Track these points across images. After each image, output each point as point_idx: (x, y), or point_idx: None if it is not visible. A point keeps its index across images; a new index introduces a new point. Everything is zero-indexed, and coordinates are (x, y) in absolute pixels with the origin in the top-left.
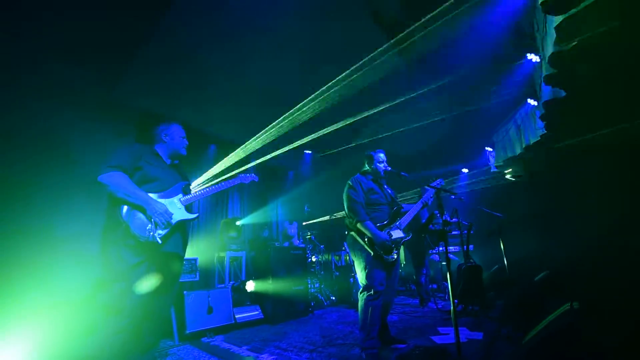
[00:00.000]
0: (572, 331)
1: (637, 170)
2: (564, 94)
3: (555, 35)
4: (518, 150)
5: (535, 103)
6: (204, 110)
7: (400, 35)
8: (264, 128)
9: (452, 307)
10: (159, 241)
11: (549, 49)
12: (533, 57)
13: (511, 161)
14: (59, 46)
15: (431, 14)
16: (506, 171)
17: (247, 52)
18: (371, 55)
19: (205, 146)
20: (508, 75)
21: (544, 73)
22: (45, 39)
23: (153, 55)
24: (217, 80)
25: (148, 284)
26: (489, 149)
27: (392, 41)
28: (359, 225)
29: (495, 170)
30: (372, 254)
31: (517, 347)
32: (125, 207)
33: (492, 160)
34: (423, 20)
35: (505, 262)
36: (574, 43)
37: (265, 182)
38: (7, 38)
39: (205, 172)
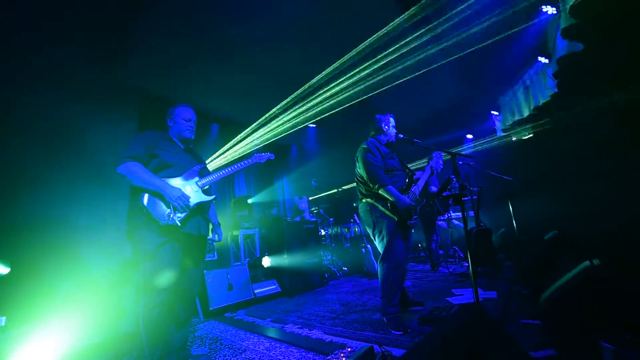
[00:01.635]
0: (597, 285)
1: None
2: (581, 47)
3: None
4: (526, 113)
5: (547, 61)
6: (206, 88)
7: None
8: (269, 106)
9: (470, 268)
10: (178, 224)
11: None
12: (549, 9)
13: (518, 124)
14: (60, 31)
15: None
16: (514, 135)
17: (255, 29)
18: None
19: (207, 126)
20: (519, 30)
21: (562, 25)
22: (45, 24)
23: (155, 32)
24: (223, 57)
25: (175, 261)
26: (495, 112)
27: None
28: (381, 190)
29: (502, 134)
30: (397, 219)
31: (534, 301)
32: (146, 195)
33: (498, 124)
34: None
35: (515, 224)
36: None
37: (271, 160)
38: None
39: (209, 152)
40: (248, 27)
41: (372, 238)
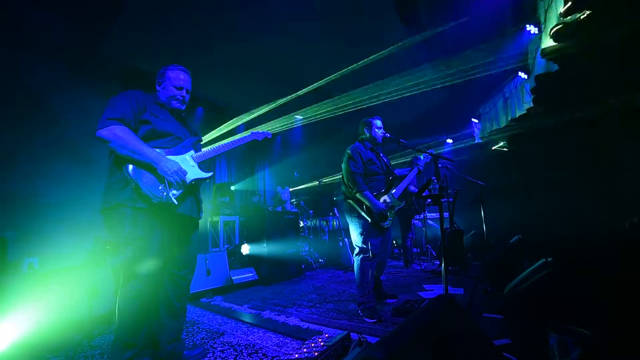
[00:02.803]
0: (550, 280)
1: (596, 153)
2: (556, 68)
3: (562, 5)
4: (503, 123)
5: (526, 76)
6: (196, 69)
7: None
8: (258, 95)
9: (442, 266)
10: (175, 202)
11: (552, 20)
12: (532, 29)
13: (495, 133)
14: None
15: None
16: (491, 143)
17: (253, 16)
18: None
19: (192, 108)
20: (504, 45)
21: (542, 46)
22: None
23: (144, 6)
24: (214, 41)
25: (164, 246)
26: (475, 120)
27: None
28: (358, 195)
29: (480, 141)
30: (370, 221)
31: (499, 297)
32: (130, 166)
33: (477, 131)
34: None
35: (484, 227)
36: (579, 16)
37: (253, 147)
38: None
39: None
40: (246, 13)
41: (351, 233)
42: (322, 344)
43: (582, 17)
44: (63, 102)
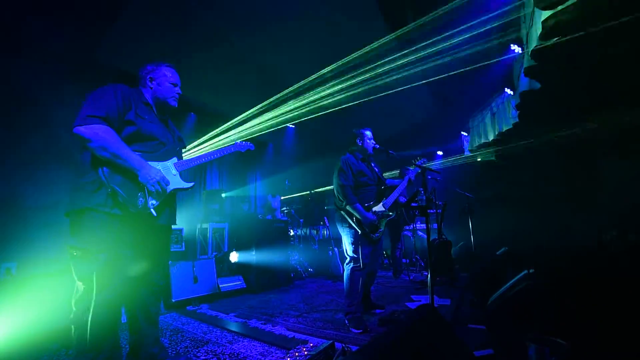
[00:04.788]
0: (529, 291)
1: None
2: (539, 86)
3: (540, 29)
4: (491, 137)
5: (512, 93)
6: (187, 76)
7: (401, 29)
8: (250, 102)
9: (429, 277)
10: (154, 213)
11: (533, 42)
12: (516, 48)
13: (484, 146)
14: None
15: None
16: (479, 156)
17: (243, 21)
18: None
19: (185, 114)
20: (491, 62)
21: (525, 65)
22: None
23: (141, 14)
24: (208, 46)
25: (136, 257)
26: (465, 133)
27: (392, 35)
28: (348, 207)
29: (469, 154)
30: (360, 232)
31: (482, 308)
32: (108, 169)
33: (466, 144)
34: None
35: (472, 239)
36: (556, 40)
37: (245, 155)
38: None
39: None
40: (237, 20)
41: (343, 243)
42: (306, 353)
43: (558, 41)
44: (56, 106)
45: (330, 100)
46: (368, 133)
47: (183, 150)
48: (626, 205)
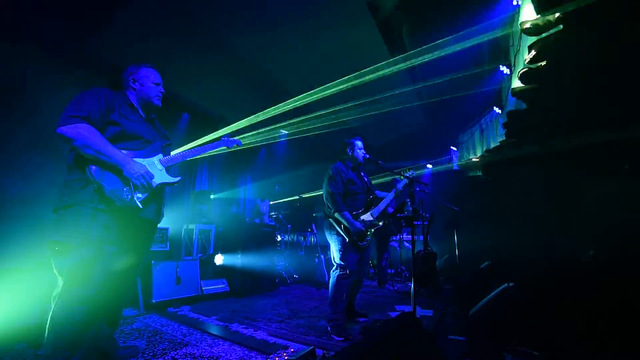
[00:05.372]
0: (508, 304)
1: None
2: (525, 106)
3: (527, 53)
4: (479, 153)
5: (500, 111)
6: (185, 74)
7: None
8: (247, 105)
9: (412, 288)
10: (140, 205)
11: (520, 65)
12: (505, 69)
13: (471, 162)
14: None
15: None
16: (467, 171)
17: (243, 24)
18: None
19: (178, 114)
20: (481, 82)
21: (512, 85)
22: None
23: (140, 8)
24: (205, 46)
25: (119, 253)
26: (454, 148)
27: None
28: (337, 215)
29: (457, 169)
30: (348, 240)
31: (464, 319)
32: (94, 166)
33: (455, 159)
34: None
35: (457, 251)
36: (542, 64)
37: (237, 157)
38: None
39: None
40: (236, 23)
41: (330, 250)
42: (286, 358)
43: (543, 65)
44: (47, 97)
45: (324, 112)
46: (359, 143)
47: (170, 147)
48: (604, 223)
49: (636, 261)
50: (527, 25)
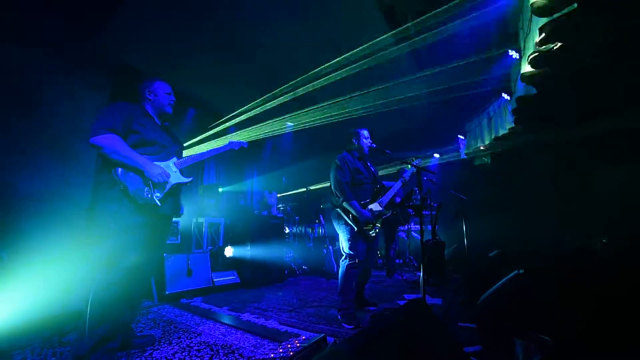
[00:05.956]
0: (519, 291)
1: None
2: (535, 91)
3: (537, 35)
4: (487, 141)
5: (509, 98)
6: (189, 70)
7: (399, 28)
8: (251, 98)
9: (421, 276)
10: (158, 203)
11: (530, 48)
12: (514, 54)
13: (480, 150)
14: None
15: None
16: (475, 159)
17: (247, 16)
18: (370, 43)
19: (184, 109)
20: (489, 68)
21: (522, 70)
22: None
23: (142, 6)
24: (208, 41)
25: (142, 242)
26: (461, 137)
27: (390, 33)
28: (344, 204)
29: (465, 157)
30: (356, 229)
31: (473, 307)
32: (119, 169)
33: (462, 148)
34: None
35: (466, 241)
36: (553, 46)
37: (243, 151)
38: None
39: (182, 136)
40: (243, 15)
41: (339, 240)
42: (298, 345)
43: (555, 48)
44: (54, 95)
45: (330, 103)
46: (365, 132)
47: (182, 151)
48: (616, 212)
49: None
50: (538, 5)
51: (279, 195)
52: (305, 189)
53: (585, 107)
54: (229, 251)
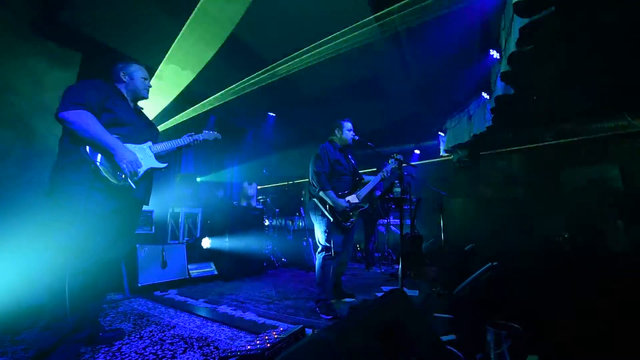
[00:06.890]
0: (492, 282)
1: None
2: (512, 91)
3: (518, 35)
4: (466, 138)
5: (488, 97)
6: (162, 48)
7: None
8: (228, 82)
9: (400, 268)
10: (134, 186)
11: (511, 48)
12: (495, 54)
13: (459, 147)
14: None
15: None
16: (454, 156)
17: None
18: (351, 27)
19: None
20: (470, 67)
21: (502, 69)
22: None
23: None
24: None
25: (114, 228)
26: (441, 133)
27: (373, 18)
28: (321, 193)
29: (444, 154)
30: (332, 220)
31: (449, 298)
32: (88, 147)
33: (442, 144)
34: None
35: (443, 235)
36: (532, 47)
37: (223, 139)
38: None
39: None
40: None
41: (315, 231)
42: (276, 336)
43: (531, 49)
44: (14, 68)
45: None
46: (348, 124)
47: (158, 135)
48: (580, 210)
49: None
50: (520, 5)
51: (259, 187)
52: (288, 182)
53: (560, 108)
54: (206, 242)
